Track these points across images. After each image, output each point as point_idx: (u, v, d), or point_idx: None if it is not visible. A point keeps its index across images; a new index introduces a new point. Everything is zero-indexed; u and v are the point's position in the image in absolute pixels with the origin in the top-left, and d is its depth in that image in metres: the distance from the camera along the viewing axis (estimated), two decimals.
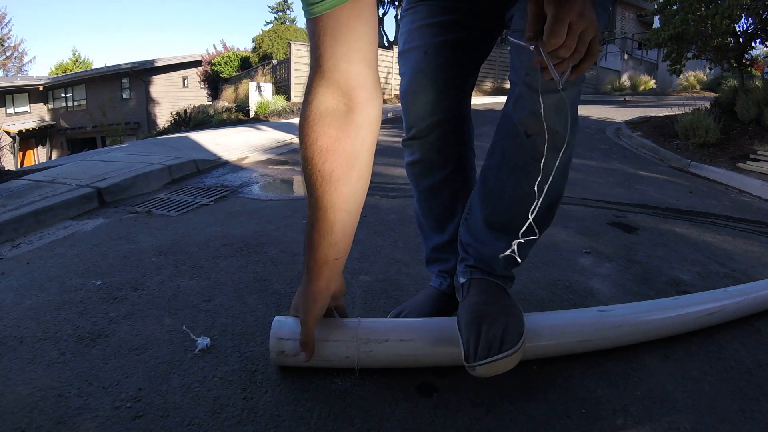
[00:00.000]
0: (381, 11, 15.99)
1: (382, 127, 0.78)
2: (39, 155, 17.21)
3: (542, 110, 0.78)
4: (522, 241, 0.90)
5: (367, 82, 0.71)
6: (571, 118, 0.82)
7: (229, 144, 4.22)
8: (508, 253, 0.87)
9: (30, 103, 17.56)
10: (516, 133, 0.84)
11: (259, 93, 7.71)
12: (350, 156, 0.71)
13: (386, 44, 14.33)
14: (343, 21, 0.65)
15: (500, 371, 0.79)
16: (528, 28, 0.66)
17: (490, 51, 1.03)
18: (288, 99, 8.34)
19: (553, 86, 0.74)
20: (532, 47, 0.66)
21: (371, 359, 0.88)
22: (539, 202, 0.90)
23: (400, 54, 1.00)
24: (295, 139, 4.81)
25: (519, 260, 0.92)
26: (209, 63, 13.36)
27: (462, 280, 0.96)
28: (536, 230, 0.94)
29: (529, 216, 0.91)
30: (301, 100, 0.75)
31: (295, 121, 6.46)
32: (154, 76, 17.29)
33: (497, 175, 0.90)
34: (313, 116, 0.70)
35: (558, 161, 0.85)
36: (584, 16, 0.62)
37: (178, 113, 8.72)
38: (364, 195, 0.77)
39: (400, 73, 1.00)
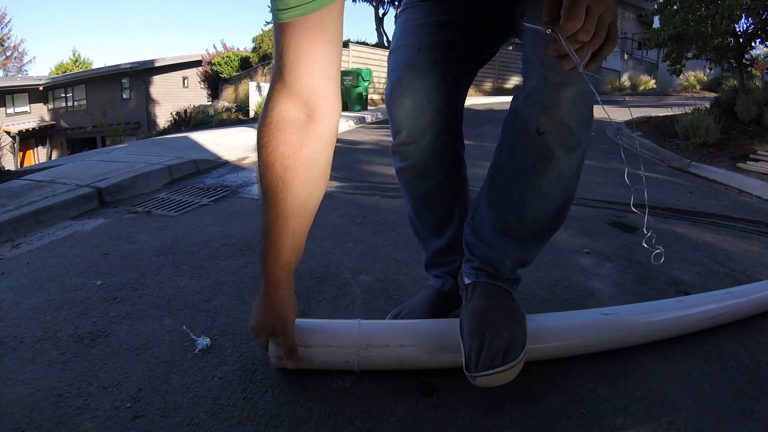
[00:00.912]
0: (381, 11, 15.97)
1: (380, 128, 0.79)
2: (39, 155, 17.20)
3: (556, 105, 0.74)
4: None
5: (328, 95, 0.72)
6: (587, 115, 0.78)
7: (229, 144, 4.22)
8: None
9: (30, 103, 17.56)
10: (526, 130, 0.79)
11: (259, 93, 7.71)
12: (311, 164, 0.73)
13: (386, 44, 14.32)
14: (306, 36, 0.66)
15: (501, 382, 0.78)
16: (544, 13, 0.64)
17: (493, 53, 0.99)
18: None
19: (568, 79, 0.71)
20: (548, 31, 0.64)
21: (371, 364, 0.88)
22: (550, 205, 0.86)
23: (390, 52, 0.96)
24: None
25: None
26: (209, 63, 13.36)
27: (467, 281, 0.93)
28: (547, 233, 0.90)
29: (540, 219, 0.88)
30: None
31: None
32: (154, 76, 17.28)
33: (506, 176, 0.86)
34: (274, 123, 0.71)
35: (570, 162, 0.81)
36: (602, 0, 0.60)
37: (178, 113, 8.72)
38: (320, 201, 0.79)
39: (388, 72, 0.95)
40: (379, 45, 13.11)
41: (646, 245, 0.89)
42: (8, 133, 15.25)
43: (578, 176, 0.86)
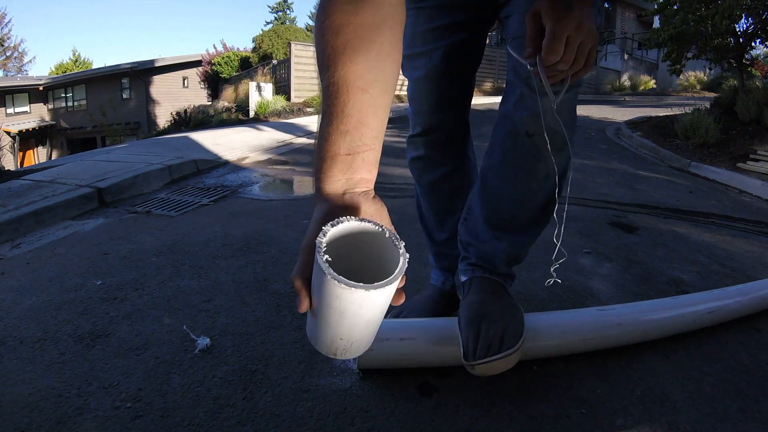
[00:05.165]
0: None
1: None
2: (39, 155, 17.20)
3: (543, 111, 0.78)
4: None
5: None
6: (571, 118, 0.84)
7: (229, 144, 4.22)
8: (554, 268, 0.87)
9: (30, 103, 17.55)
10: (517, 133, 0.85)
11: (259, 93, 7.71)
12: (368, 29, 0.58)
13: None
14: None
15: (499, 371, 0.80)
16: (527, 43, 0.66)
17: (485, 46, 1.05)
18: (288, 99, 8.33)
19: (554, 88, 0.74)
20: (531, 67, 0.67)
21: (372, 358, 0.88)
22: (539, 202, 0.91)
23: (404, 57, 1.01)
24: (296, 139, 4.81)
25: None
26: (209, 63, 13.35)
27: (463, 278, 0.96)
28: (537, 228, 0.95)
29: (532, 213, 0.92)
30: (302, 101, 0.71)
31: (296, 120, 6.46)
32: (154, 76, 17.28)
33: (498, 175, 0.90)
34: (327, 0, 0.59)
35: (558, 160, 0.86)
36: (582, 28, 0.62)
37: (178, 113, 8.71)
38: (390, 78, 0.61)
39: (406, 77, 1.01)
40: None
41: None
42: (8, 133, 15.24)
43: (565, 173, 0.91)
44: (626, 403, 0.84)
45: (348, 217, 0.46)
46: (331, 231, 0.44)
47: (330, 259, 0.41)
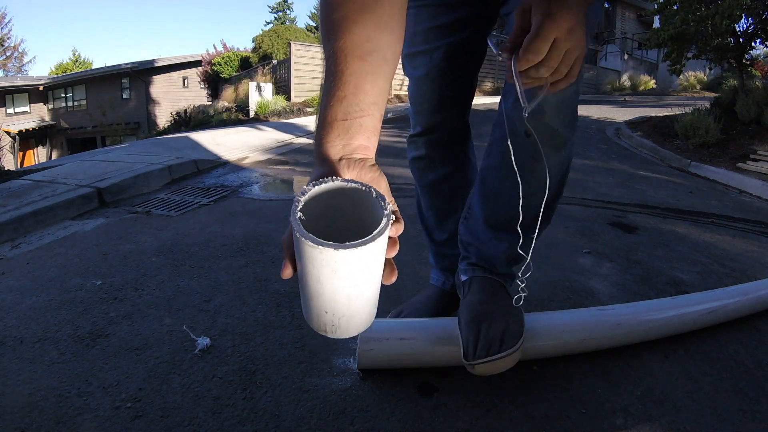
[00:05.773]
0: None
1: (381, 127, 0.77)
2: (39, 155, 17.20)
3: (541, 110, 0.77)
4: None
5: None
6: (570, 117, 0.82)
7: (229, 144, 4.22)
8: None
9: (30, 103, 17.55)
10: (515, 132, 0.84)
11: (259, 93, 7.71)
12: (366, 2, 0.56)
13: None
14: None
15: (499, 370, 0.80)
16: (509, 38, 0.60)
17: (487, 45, 1.04)
18: (288, 99, 8.33)
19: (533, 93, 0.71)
20: (500, 57, 0.59)
21: (372, 358, 0.88)
22: (539, 201, 0.91)
23: (405, 56, 1.00)
24: (296, 139, 4.81)
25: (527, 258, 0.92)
26: (209, 63, 13.35)
27: (463, 278, 0.96)
28: (538, 228, 0.95)
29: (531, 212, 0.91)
30: (302, 101, 0.70)
31: (295, 120, 6.45)
32: (154, 76, 17.28)
33: (497, 175, 0.90)
34: None
35: (557, 160, 0.85)
36: (573, 33, 0.56)
37: (178, 113, 8.71)
38: (389, 47, 0.57)
39: (407, 75, 1.01)
40: None
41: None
42: (8, 133, 15.23)
43: (566, 173, 0.90)
44: (626, 403, 0.84)
45: (333, 177, 0.43)
46: (313, 190, 0.42)
47: (303, 217, 0.39)
